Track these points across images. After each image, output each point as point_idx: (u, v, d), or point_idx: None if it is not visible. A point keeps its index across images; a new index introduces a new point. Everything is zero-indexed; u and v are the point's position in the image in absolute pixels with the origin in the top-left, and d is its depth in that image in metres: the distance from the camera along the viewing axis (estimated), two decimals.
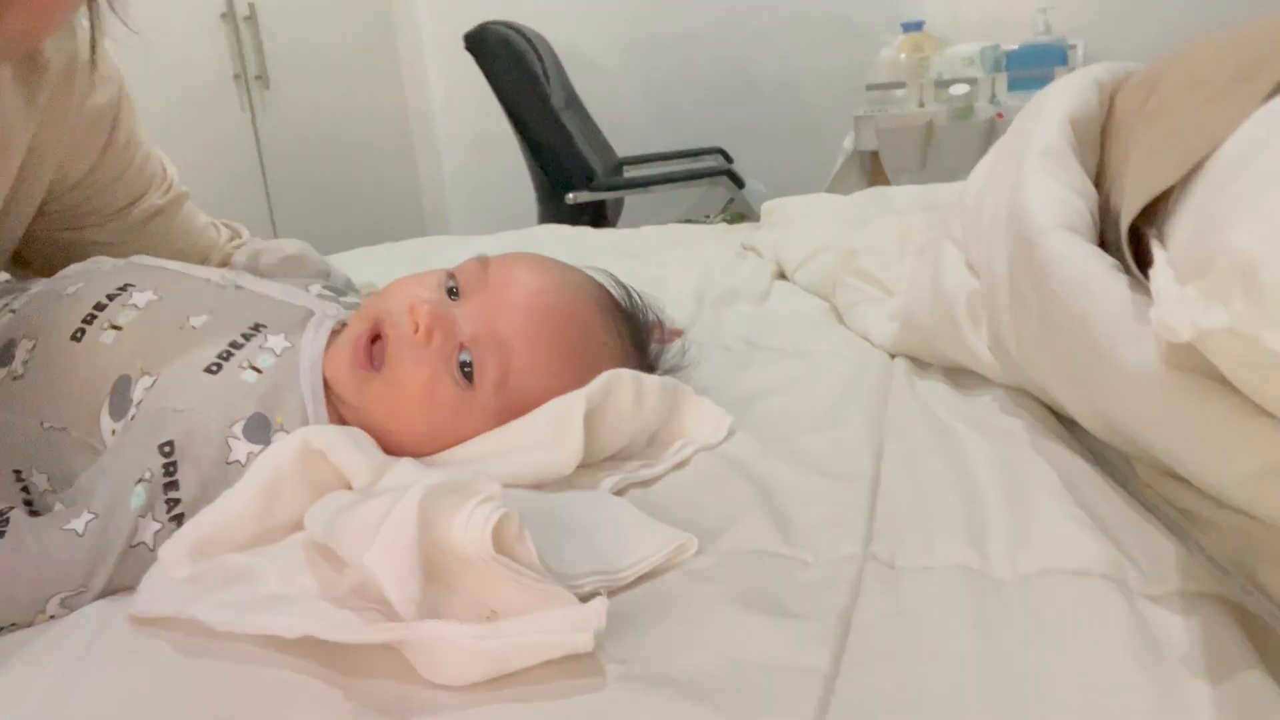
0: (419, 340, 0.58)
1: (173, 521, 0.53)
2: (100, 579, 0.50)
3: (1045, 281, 0.52)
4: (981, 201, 0.70)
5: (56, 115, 0.69)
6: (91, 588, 0.50)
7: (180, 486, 0.53)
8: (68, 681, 0.43)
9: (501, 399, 0.59)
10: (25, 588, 0.49)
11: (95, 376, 0.58)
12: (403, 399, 0.58)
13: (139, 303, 0.62)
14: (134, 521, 0.52)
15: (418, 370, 0.58)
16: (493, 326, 0.59)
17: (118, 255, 0.74)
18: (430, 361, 0.58)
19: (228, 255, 0.86)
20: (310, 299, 0.67)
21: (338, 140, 2.70)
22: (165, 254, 0.79)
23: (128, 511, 0.52)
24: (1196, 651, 0.40)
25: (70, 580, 0.50)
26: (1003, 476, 0.55)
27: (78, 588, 0.50)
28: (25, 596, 0.49)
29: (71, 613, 0.50)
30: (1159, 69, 0.64)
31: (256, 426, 0.56)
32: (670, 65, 2.88)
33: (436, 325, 0.58)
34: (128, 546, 0.51)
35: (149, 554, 0.51)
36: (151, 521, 0.52)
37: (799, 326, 0.92)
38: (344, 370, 0.59)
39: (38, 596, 0.49)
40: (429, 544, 0.42)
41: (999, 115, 2.03)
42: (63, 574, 0.50)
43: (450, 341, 0.58)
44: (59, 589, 0.50)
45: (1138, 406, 0.45)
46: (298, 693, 0.41)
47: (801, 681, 0.39)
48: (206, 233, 0.86)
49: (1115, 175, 0.62)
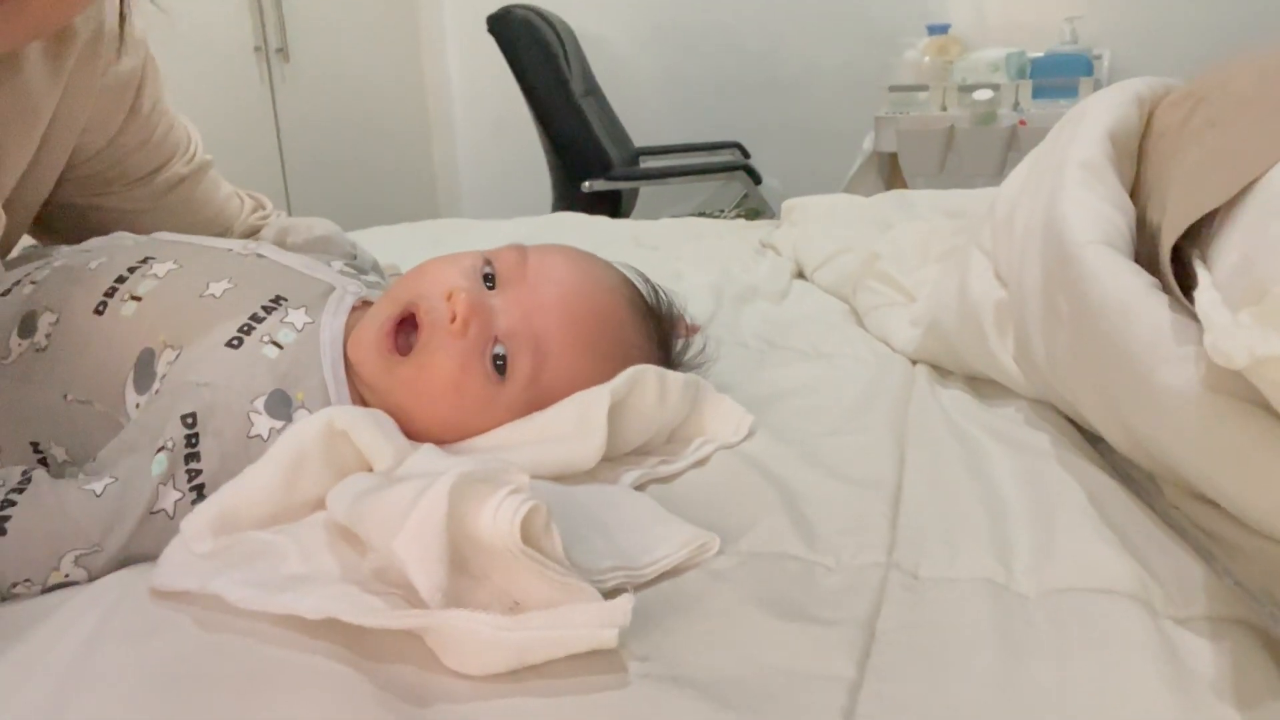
0: (456, 330, 0.57)
1: (193, 491, 0.52)
2: (116, 540, 0.50)
3: (1082, 296, 0.52)
4: (1014, 211, 0.69)
5: (82, 83, 0.69)
6: (106, 548, 0.50)
7: (202, 458, 0.53)
8: (86, 655, 0.43)
9: (530, 395, 0.59)
10: (39, 542, 0.49)
11: (119, 350, 0.58)
12: (431, 387, 0.57)
13: (159, 272, 0.61)
14: (154, 488, 0.52)
15: (450, 360, 0.57)
16: (529, 322, 0.59)
17: (141, 224, 0.74)
18: (464, 352, 0.57)
19: (251, 228, 0.86)
20: (332, 274, 0.66)
21: (355, 117, 2.69)
22: (188, 222, 0.79)
23: (148, 477, 0.52)
24: (1224, 677, 0.39)
25: (84, 537, 0.50)
26: (1027, 490, 0.54)
27: (92, 546, 0.50)
28: (39, 551, 0.49)
29: (88, 574, 0.50)
30: (1202, 86, 0.64)
31: (278, 403, 0.56)
32: (692, 57, 2.87)
33: (474, 315, 0.57)
34: (147, 513, 0.51)
35: (169, 523, 0.51)
36: (172, 490, 0.52)
37: (818, 327, 0.92)
38: (370, 352, 0.59)
39: (51, 552, 0.49)
40: (456, 532, 0.41)
41: (1021, 123, 2.02)
42: (76, 531, 0.50)
43: (486, 333, 0.58)
44: (73, 546, 0.50)
45: (1174, 427, 0.45)
46: (318, 675, 0.41)
47: (826, 689, 0.39)
48: (230, 203, 0.86)
49: (1152, 191, 0.61)
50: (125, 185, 0.77)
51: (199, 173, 0.82)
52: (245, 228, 0.86)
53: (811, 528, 0.52)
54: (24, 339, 0.60)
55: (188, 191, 0.81)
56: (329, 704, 0.39)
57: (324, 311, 0.62)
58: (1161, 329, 0.46)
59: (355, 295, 0.64)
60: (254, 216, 0.87)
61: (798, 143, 2.77)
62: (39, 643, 0.44)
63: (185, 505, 0.52)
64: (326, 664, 0.41)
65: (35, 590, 0.50)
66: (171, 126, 0.79)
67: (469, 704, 0.39)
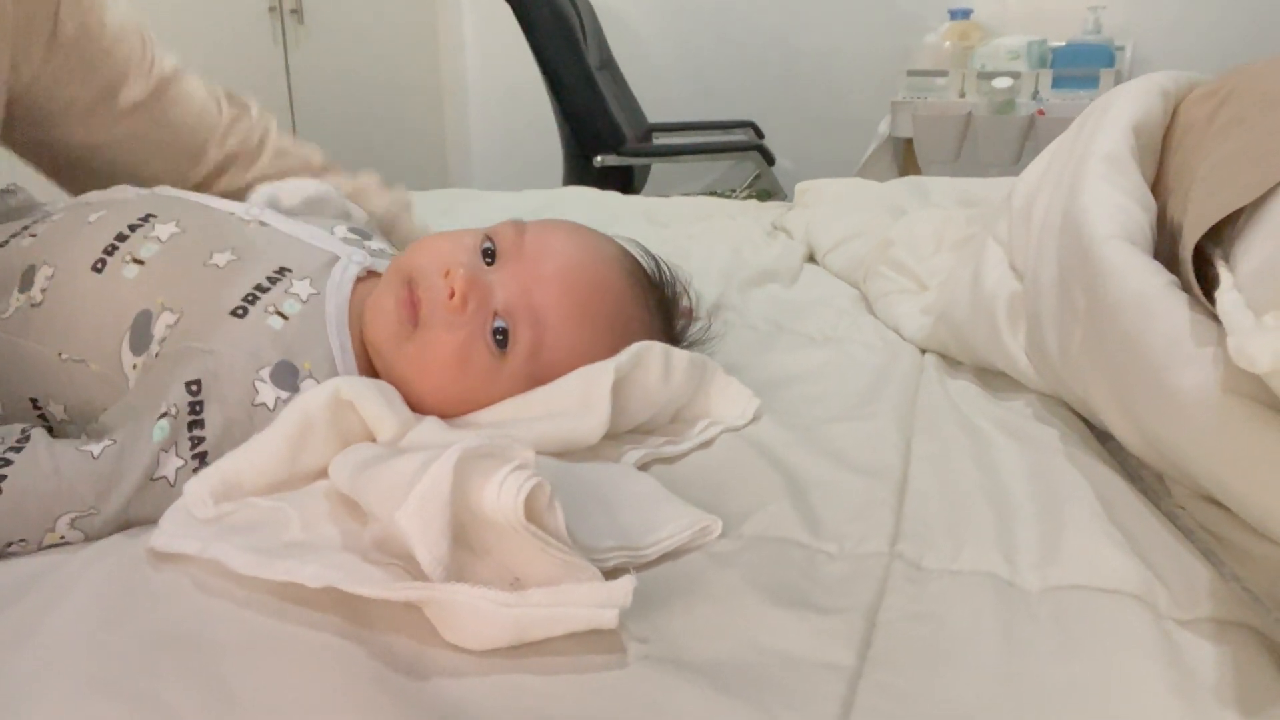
0: (454, 306, 0.57)
1: (195, 459, 0.52)
2: (112, 504, 0.50)
3: (1100, 292, 0.51)
4: (1032, 202, 0.68)
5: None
6: (103, 511, 0.50)
7: (205, 425, 0.53)
8: (82, 617, 0.42)
9: (532, 368, 0.59)
10: (35, 502, 0.49)
11: (116, 310, 0.58)
12: (435, 362, 0.57)
13: (161, 235, 0.61)
14: (155, 453, 0.51)
15: (451, 335, 0.57)
16: (528, 296, 0.59)
17: (114, 157, 0.71)
18: (465, 327, 0.57)
19: (229, 155, 0.81)
20: (335, 243, 0.66)
21: (367, 81, 2.67)
22: (159, 144, 0.75)
23: (149, 442, 0.52)
24: (1227, 681, 0.39)
25: (80, 500, 0.50)
26: (1034, 485, 0.54)
27: (88, 509, 0.50)
28: (34, 511, 0.49)
29: (85, 537, 0.50)
30: (1230, 82, 0.63)
31: (284, 373, 0.56)
32: (708, 33, 2.83)
33: (472, 292, 0.57)
34: (147, 479, 0.51)
35: (169, 490, 0.51)
36: (174, 457, 0.52)
37: (828, 312, 0.91)
38: (387, 327, 0.58)
39: (46, 513, 0.49)
40: (459, 507, 0.41)
41: (1040, 112, 2.00)
42: (72, 493, 0.49)
43: (485, 309, 0.58)
44: (68, 508, 0.49)
45: (1188, 428, 0.44)
46: (314, 644, 0.41)
47: (825, 677, 0.39)
48: (205, 117, 0.80)
49: (1174, 186, 0.60)
50: (81, 116, 0.72)
51: (160, 92, 0.76)
52: (223, 155, 0.81)
53: (815, 514, 0.52)
54: (21, 293, 0.59)
55: (150, 115, 0.76)
56: (325, 673, 0.39)
57: (328, 282, 0.61)
58: (1180, 328, 0.45)
59: (359, 265, 0.64)
60: (233, 138, 0.81)
61: (812, 125, 2.75)
62: (36, 605, 0.44)
63: (186, 473, 0.51)
64: (322, 635, 0.41)
65: (31, 549, 0.50)
66: (116, 42, 0.73)
67: (466, 679, 0.39)
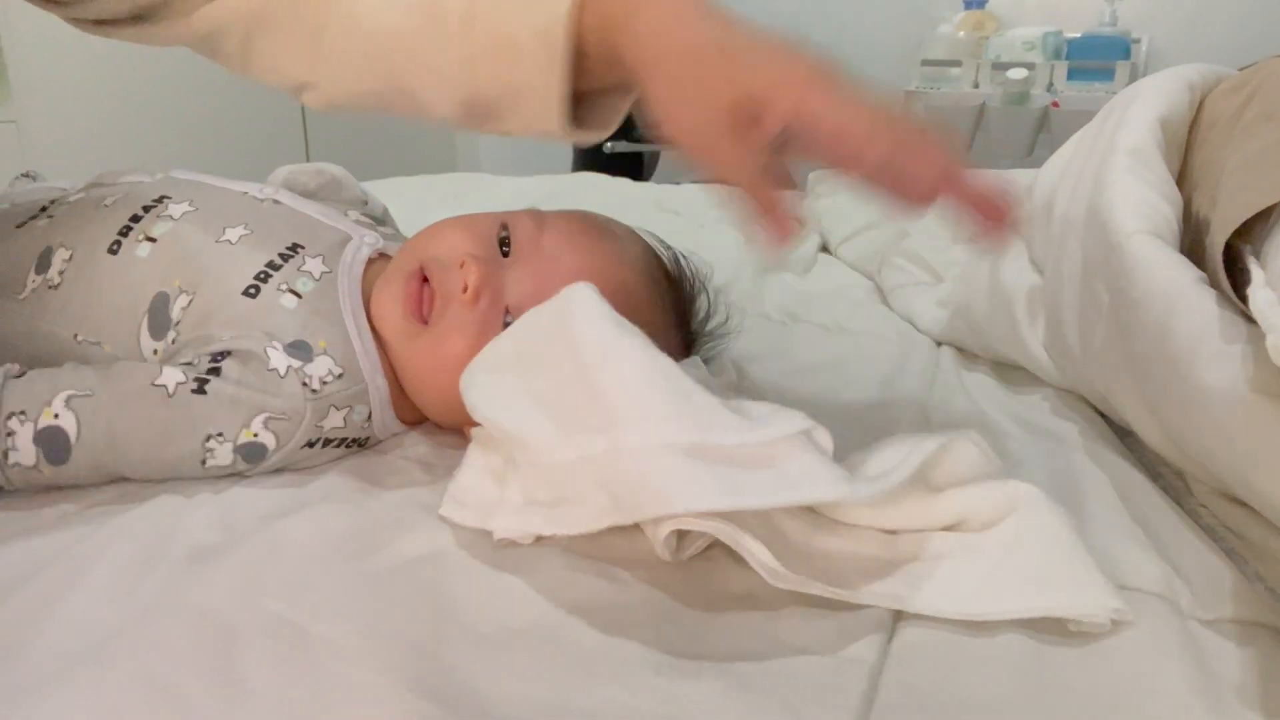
0: (466, 300, 0.56)
1: (196, 383, 0.53)
2: (109, 390, 0.52)
3: (1125, 287, 0.50)
4: (1054, 196, 0.68)
5: None
6: (98, 393, 0.52)
7: (222, 373, 0.54)
8: (97, 597, 0.43)
9: None
10: (44, 380, 0.52)
11: (132, 292, 0.58)
12: (445, 360, 0.56)
13: (174, 214, 0.61)
14: (159, 366, 0.54)
15: (462, 333, 0.56)
16: (542, 297, 0.57)
17: None
18: (475, 324, 0.56)
19: None
20: (348, 223, 0.66)
21: None
22: None
23: (155, 362, 0.55)
24: (1250, 682, 0.39)
25: (82, 381, 0.52)
26: (1053, 482, 0.53)
27: (85, 389, 0.52)
28: (41, 387, 0.52)
29: (76, 421, 0.51)
30: (1257, 76, 0.62)
31: (298, 348, 0.55)
32: None
33: (485, 287, 0.56)
34: (148, 383, 0.53)
35: (166, 398, 0.52)
36: (178, 373, 0.53)
37: (842, 303, 0.90)
38: (395, 321, 0.58)
39: (50, 389, 0.52)
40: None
41: (1054, 104, 1.98)
42: (77, 376, 0.53)
43: (497, 305, 0.57)
44: (69, 386, 0.52)
45: (1214, 426, 0.44)
46: (332, 635, 0.41)
47: (847, 672, 0.39)
48: None
49: (1199, 181, 0.60)
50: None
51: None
52: None
53: None
54: (39, 275, 0.59)
55: None
56: (341, 665, 0.39)
57: (340, 261, 0.61)
58: (1208, 325, 0.45)
59: (371, 247, 0.63)
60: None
61: None
62: (52, 584, 0.44)
63: (185, 391, 0.52)
64: (339, 626, 0.41)
65: (28, 429, 0.51)
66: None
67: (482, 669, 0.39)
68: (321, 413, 0.55)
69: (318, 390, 0.54)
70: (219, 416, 0.53)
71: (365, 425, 0.57)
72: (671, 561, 0.46)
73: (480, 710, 0.36)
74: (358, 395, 0.56)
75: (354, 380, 0.56)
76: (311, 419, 0.54)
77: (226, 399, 0.53)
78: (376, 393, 0.57)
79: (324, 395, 0.54)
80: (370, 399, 0.57)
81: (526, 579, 0.45)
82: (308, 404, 0.54)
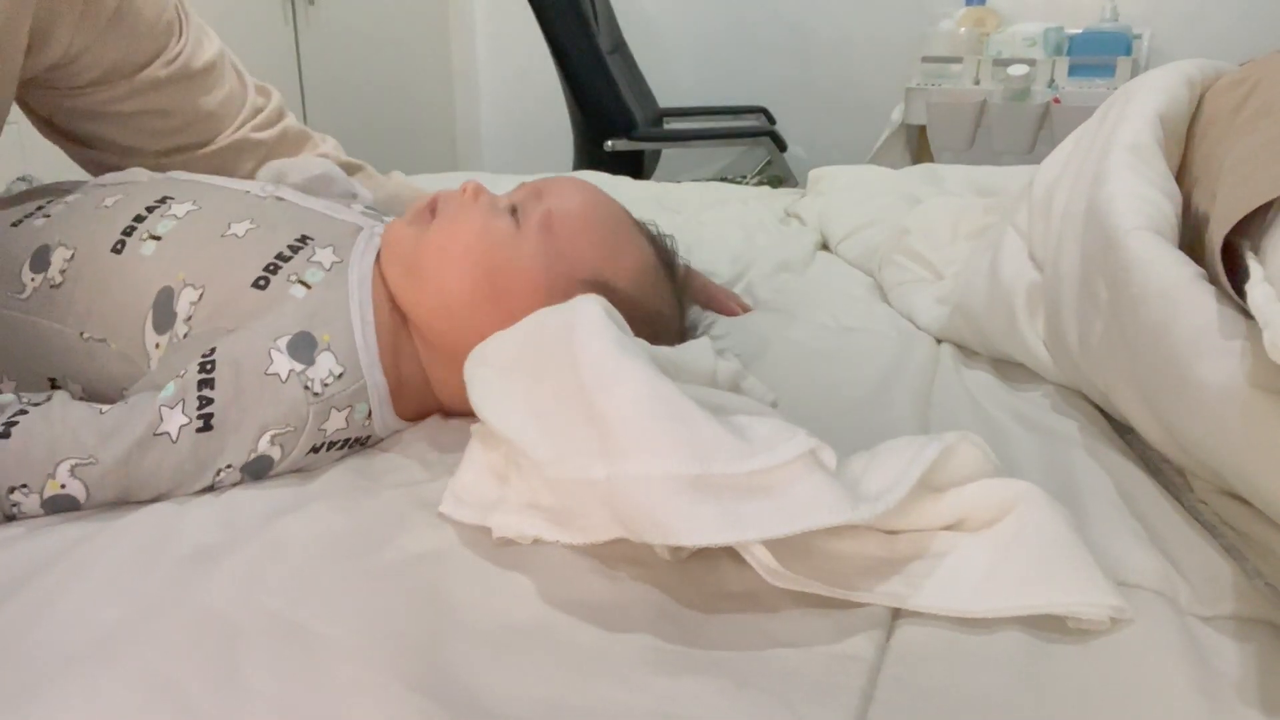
0: (467, 197, 0.61)
1: (200, 419, 0.52)
2: (111, 452, 0.51)
3: (1124, 283, 0.50)
4: (1053, 192, 0.67)
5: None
6: (101, 459, 0.51)
7: (216, 386, 0.53)
8: (97, 597, 0.43)
9: (550, 245, 0.60)
10: (39, 447, 0.51)
11: (137, 289, 0.58)
12: (458, 238, 0.59)
13: (178, 213, 0.61)
14: (158, 409, 0.52)
15: (467, 217, 0.60)
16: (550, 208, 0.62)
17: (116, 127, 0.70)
18: (480, 209, 0.61)
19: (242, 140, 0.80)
20: (356, 215, 0.66)
21: (378, 63, 2.66)
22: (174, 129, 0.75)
23: (153, 399, 0.53)
24: (1250, 679, 0.39)
25: (81, 446, 0.51)
26: (1054, 478, 0.53)
27: (87, 456, 0.51)
28: (38, 455, 0.51)
29: (85, 489, 0.51)
30: (1256, 72, 0.62)
31: (301, 344, 0.55)
32: (720, 17, 2.81)
33: (484, 193, 0.62)
34: (149, 433, 0.52)
35: (171, 447, 0.52)
36: (179, 414, 0.52)
37: (841, 300, 0.90)
38: (407, 234, 0.60)
39: (48, 458, 0.51)
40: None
41: (1055, 100, 1.98)
42: (74, 439, 0.51)
43: (499, 204, 0.62)
44: (69, 454, 0.51)
45: (1213, 423, 0.44)
46: (332, 635, 0.41)
47: (846, 669, 0.39)
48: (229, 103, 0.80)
49: (1199, 177, 0.59)
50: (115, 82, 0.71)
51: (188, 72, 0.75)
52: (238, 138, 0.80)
53: None
54: (37, 274, 0.59)
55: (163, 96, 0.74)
56: (340, 665, 0.39)
57: (353, 250, 0.61)
58: (1207, 321, 0.45)
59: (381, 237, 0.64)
60: (249, 128, 0.81)
61: (825, 111, 2.72)
62: (53, 584, 0.44)
63: (190, 432, 0.52)
64: (338, 627, 0.41)
65: (34, 500, 0.50)
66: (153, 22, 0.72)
67: (481, 667, 0.39)
68: (323, 415, 0.55)
69: (319, 394, 0.54)
70: (228, 448, 0.53)
71: (366, 423, 0.58)
72: (670, 560, 0.46)
73: (479, 708, 0.37)
74: (358, 393, 0.56)
75: (354, 378, 0.56)
76: (314, 423, 0.54)
77: (231, 427, 0.53)
78: (375, 389, 0.57)
79: (325, 398, 0.55)
80: (369, 396, 0.57)
81: (526, 577, 0.45)
82: (309, 408, 0.54)
